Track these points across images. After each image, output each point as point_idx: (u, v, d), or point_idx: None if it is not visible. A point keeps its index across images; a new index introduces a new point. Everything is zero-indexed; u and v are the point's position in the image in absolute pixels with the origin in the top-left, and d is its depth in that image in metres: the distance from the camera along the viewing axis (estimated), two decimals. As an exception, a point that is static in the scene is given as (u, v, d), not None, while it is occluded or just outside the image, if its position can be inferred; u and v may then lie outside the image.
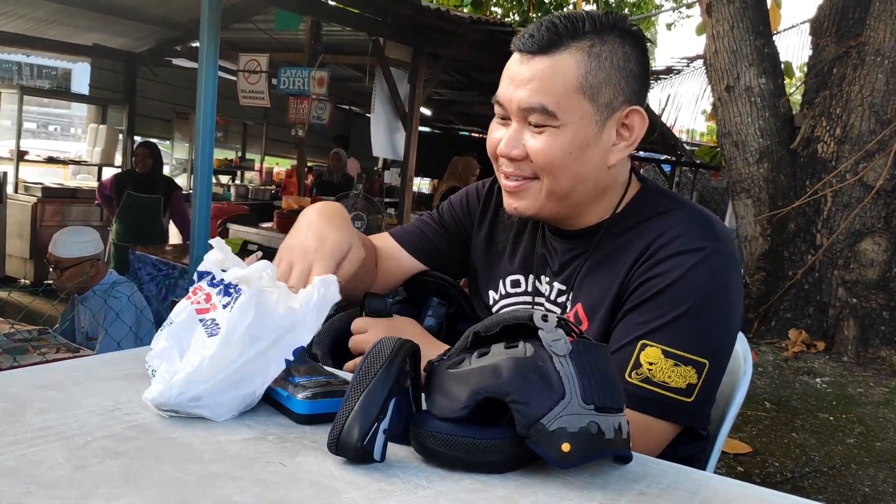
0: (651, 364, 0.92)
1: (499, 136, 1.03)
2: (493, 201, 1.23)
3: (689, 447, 1.05)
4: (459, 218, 1.25)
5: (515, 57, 1.00)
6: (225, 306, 0.79)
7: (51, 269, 2.98)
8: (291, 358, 0.81)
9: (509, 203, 1.05)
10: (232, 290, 0.80)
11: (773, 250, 4.64)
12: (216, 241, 0.87)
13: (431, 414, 0.71)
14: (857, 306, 4.17)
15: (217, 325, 0.79)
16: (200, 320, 0.80)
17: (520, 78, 0.97)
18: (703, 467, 1.10)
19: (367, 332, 1.06)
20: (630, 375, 0.93)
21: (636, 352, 0.93)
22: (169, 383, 0.76)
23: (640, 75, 1.01)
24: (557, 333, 0.70)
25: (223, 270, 0.83)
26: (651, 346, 0.93)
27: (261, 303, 0.79)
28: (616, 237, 1.04)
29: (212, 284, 0.83)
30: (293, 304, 0.82)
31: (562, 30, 0.96)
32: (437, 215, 1.27)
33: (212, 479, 0.64)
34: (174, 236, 5.68)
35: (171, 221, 5.41)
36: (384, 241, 1.25)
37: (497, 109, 1.03)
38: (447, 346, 0.83)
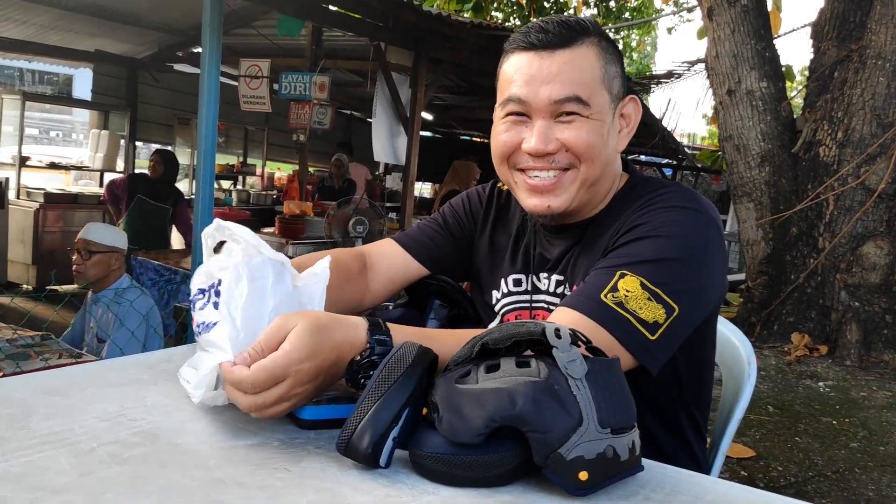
0: (628, 291, 0.93)
1: (511, 136, 1.04)
2: (494, 204, 1.25)
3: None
4: (462, 221, 1.27)
5: (528, 56, 1.01)
6: (216, 305, 0.79)
7: (76, 256, 3.01)
8: None
9: (541, 202, 1.05)
10: (216, 286, 0.80)
11: (774, 254, 4.64)
12: (208, 234, 0.85)
13: (440, 434, 0.69)
14: (860, 310, 4.17)
15: (211, 323, 0.79)
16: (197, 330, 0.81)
17: (545, 73, 1.00)
18: (707, 472, 1.10)
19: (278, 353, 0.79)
20: (605, 295, 0.93)
21: (615, 278, 0.95)
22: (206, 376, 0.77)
23: (624, 73, 1.08)
24: (573, 353, 0.69)
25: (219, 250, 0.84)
26: (630, 275, 0.95)
27: (253, 277, 0.80)
28: (608, 224, 1.08)
29: (193, 302, 0.83)
30: (295, 281, 0.84)
31: (574, 26, 1.02)
32: (440, 218, 1.28)
33: (217, 485, 0.64)
34: (175, 241, 5.69)
35: (173, 228, 5.43)
36: (388, 246, 1.25)
37: (511, 108, 1.03)
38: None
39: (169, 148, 7.26)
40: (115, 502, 0.60)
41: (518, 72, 1.02)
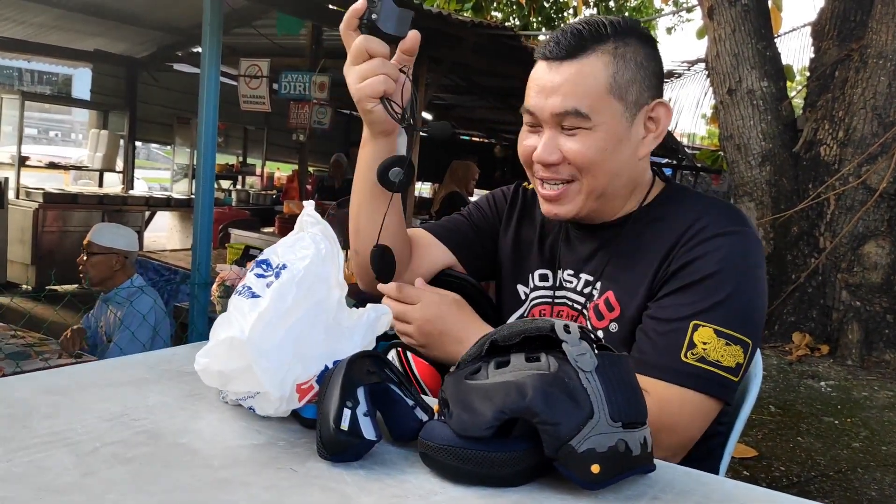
0: (705, 344, 0.95)
1: (531, 143, 1.07)
2: (520, 201, 1.28)
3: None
4: (487, 215, 1.30)
5: (542, 66, 1.04)
6: (269, 285, 0.77)
7: (80, 256, 3.08)
8: (331, 365, 0.78)
9: (549, 209, 1.09)
10: (277, 269, 0.78)
11: (775, 254, 4.63)
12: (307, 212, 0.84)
13: (450, 428, 0.69)
14: (861, 310, 4.16)
15: (254, 291, 0.76)
16: (238, 293, 0.78)
17: (550, 85, 1.01)
18: (715, 471, 1.09)
19: (417, 306, 1.08)
20: (686, 356, 0.95)
21: (689, 332, 0.96)
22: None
23: (660, 73, 1.07)
24: (583, 347, 0.68)
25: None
26: (703, 325, 0.96)
27: (310, 290, 0.78)
28: (644, 227, 1.08)
29: (257, 263, 0.81)
30: (342, 316, 0.81)
31: (586, 35, 1.01)
32: (465, 212, 1.32)
33: (222, 485, 0.63)
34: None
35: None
36: (417, 234, 1.27)
37: (527, 118, 1.07)
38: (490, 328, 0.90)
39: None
40: (118, 502, 0.59)
41: (533, 82, 1.05)
